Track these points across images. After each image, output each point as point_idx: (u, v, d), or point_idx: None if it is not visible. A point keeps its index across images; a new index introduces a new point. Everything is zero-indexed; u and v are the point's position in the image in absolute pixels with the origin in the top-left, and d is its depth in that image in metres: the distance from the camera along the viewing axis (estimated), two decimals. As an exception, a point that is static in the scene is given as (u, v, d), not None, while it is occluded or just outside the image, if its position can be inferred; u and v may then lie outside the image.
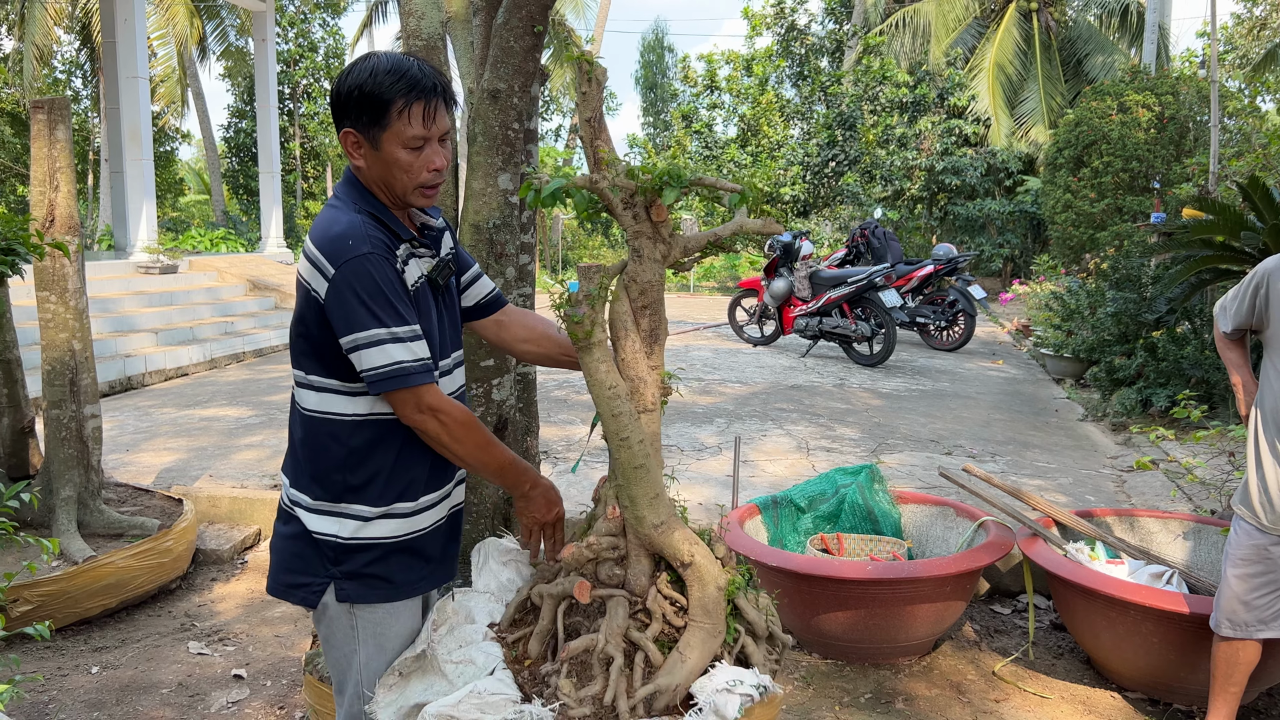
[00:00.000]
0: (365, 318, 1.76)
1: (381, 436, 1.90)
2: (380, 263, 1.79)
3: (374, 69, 1.80)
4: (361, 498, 1.90)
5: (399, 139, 1.81)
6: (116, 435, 6.54)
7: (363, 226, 1.81)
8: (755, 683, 1.84)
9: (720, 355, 10.78)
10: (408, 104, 1.79)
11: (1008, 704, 3.37)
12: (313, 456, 1.92)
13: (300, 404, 1.95)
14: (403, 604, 1.98)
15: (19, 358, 4.54)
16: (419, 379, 1.80)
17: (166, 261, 11.85)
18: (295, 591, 1.95)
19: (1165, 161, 12.74)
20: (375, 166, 1.85)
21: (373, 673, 1.97)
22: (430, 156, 1.84)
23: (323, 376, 1.89)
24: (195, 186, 33.13)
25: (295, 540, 1.95)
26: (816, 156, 19.99)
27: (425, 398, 1.82)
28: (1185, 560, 3.83)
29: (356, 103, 1.80)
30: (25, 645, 3.72)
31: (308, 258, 1.83)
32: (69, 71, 24.79)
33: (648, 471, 1.90)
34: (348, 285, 1.76)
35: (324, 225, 1.83)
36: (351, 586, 1.92)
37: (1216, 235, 5.96)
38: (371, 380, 1.79)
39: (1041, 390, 8.91)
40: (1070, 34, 20.97)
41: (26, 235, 3.10)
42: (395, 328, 1.77)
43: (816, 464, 5.84)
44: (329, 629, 1.98)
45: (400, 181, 1.85)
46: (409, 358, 1.79)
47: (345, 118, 1.83)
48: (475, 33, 3.30)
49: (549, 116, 29.73)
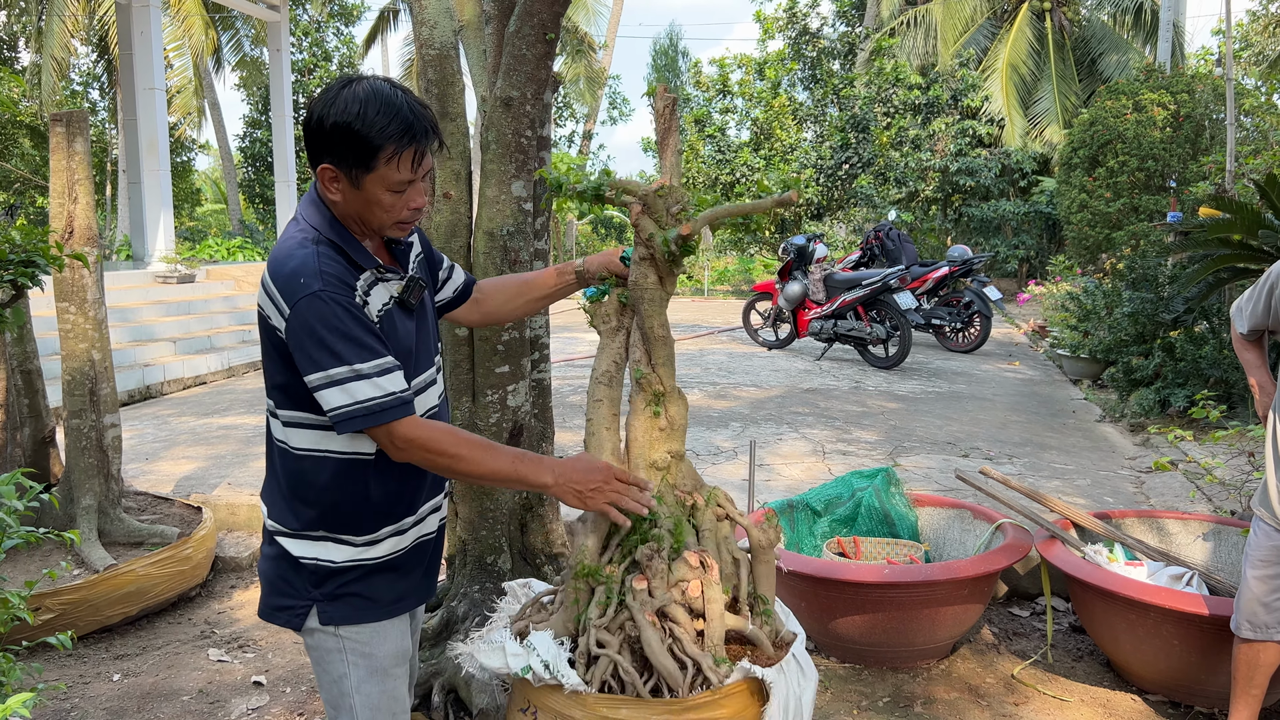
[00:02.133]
0: (325, 357, 1.70)
1: (350, 470, 1.86)
2: (333, 300, 1.71)
3: (363, 108, 1.70)
4: (336, 527, 1.88)
5: (384, 183, 1.75)
6: (136, 444, 6.59)
7: (315, 261, 1.73)
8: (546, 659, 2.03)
9: (735, 359, 10.77)
10: (398, 151, 1.72)
11: (1027, 707, 3.36)
12: (288, 486, 1.89)
13: (272, 433, 1.92)
14: (388, 623, 1.95)
15: (40, 368, 4.58)
16: (389, 415, 1.74)
17: (184, 271, 11.94)
18: (280, 615, 1.92)
19: (1181, 160, 12.67)
20: (352, 203, 1.78)
21: (367, 697, 1.93)
22: (411, 196, 1.80)
23: (283, 408, 1.85)
24: (212, 196, 33.38)
25: (278, 562, 1.92)
26: (830, 159, 19.96)
27: (399, 431, 1.75)
28: (1205, 561, 3.81)
29: (342, 139, 1.71)
30: (48, 653, 3.75)
31: (264, 290, 1.77)
32: (86, 83, 25.04)
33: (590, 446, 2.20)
34: (303, 325, 1.70)
35: (280, 258, 1.76)
36: (334, 609, 1.89)
37: (1234, 234, 5.92)
38: (337, 420, 1.73)
39: (1058, 391, 8.86)
40: (1084, 33, 20.89)
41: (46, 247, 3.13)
42: (358, 364, 1.71)
43: (833, 467, 5.83)
44: (318, 654, 1.94)
45: (378, 219, 1.80)
46: (376, 394, 1.72)
47: (326, 152, 1.74)
48: (488, 41, 3.32)
49: (562, 123, 29.79)
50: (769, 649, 2.11)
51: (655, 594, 2.02)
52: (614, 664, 1.98)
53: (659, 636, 1.99)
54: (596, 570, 2.06)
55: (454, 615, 3.31)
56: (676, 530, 2.11)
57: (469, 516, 3.40)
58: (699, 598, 2.03)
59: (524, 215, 3.28)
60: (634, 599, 2.01)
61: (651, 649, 1.97)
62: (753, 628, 2.11)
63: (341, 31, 25.21)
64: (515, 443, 3.43)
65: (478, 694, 3.02)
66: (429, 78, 3.34)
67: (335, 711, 1.97)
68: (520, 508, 3.53)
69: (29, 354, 4.51)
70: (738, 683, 1.99)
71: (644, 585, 2.03)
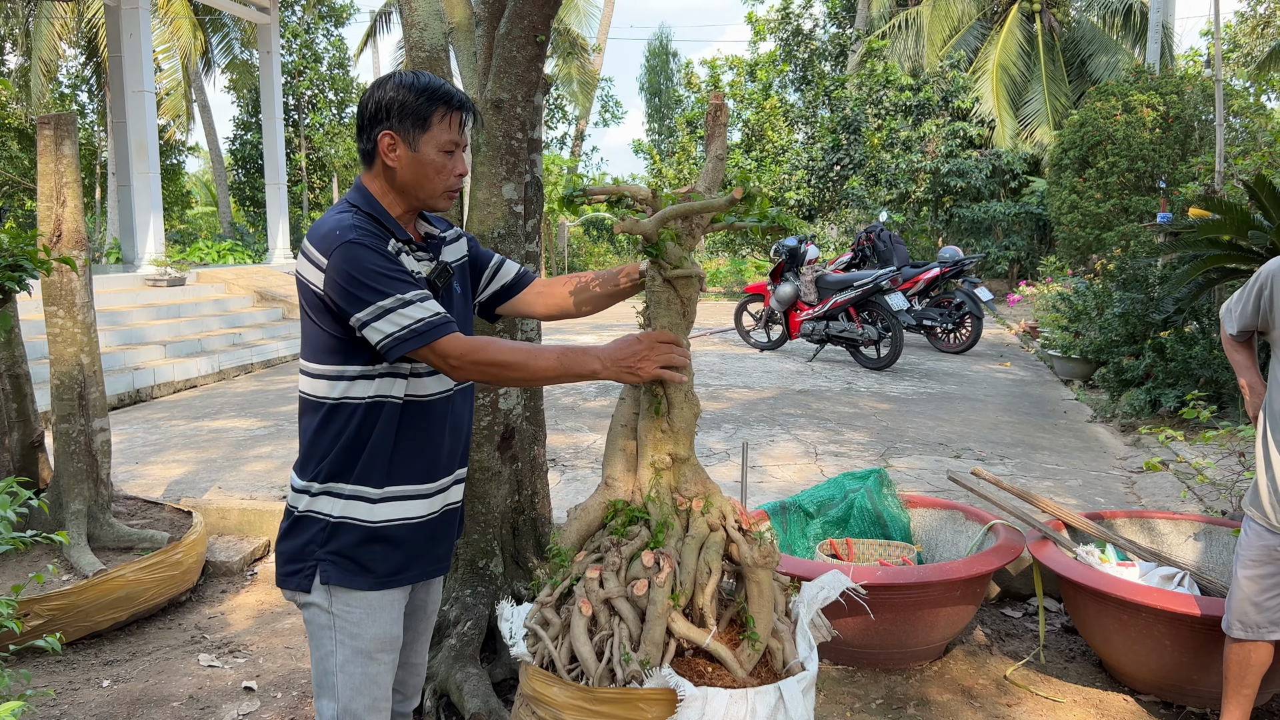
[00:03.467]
0: (366, 294, 1.86)
1: (365, 420, 1.99)
2: (367, 245, 1.89)
3: (414, 82, 1.97)
4: (351, 478, 1.99)
5: (436, 142, 1.97)
6: (126, 448, 6.56)
7: (351, 219, 1.93)
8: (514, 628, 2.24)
9: (727, 360, 10.78)
10: (449, 112, 1.97)
11: (1020, 708, 3.36)
12: (305, 435, 2.05)
13: (302, 391, 2.07)
14: (380, 603, 2.03)
15: (28, 372, 4.55)
16: (439, 331, 1.88)
17: (174, 274, 11.90)
18: (291, 579, 2.03)
19: (1171, 161, 12.71)
20: (409, 168, 1.98)
21: (350, 677, 2.02)
22: (457, 162, 2.02)
23: (316, 363, 2.01)
24: (202, 199, 33.26)
25: (290, 531, 2.04)
26: (821, 161, 19.99)
27: (448, 347, 1.89)
28: (1197, 562, 3.82)
29: (400, 107, 1.95)
30: (36, 659, 3.72)
31: (304, 255, 1.95)
32: (75, 86, 24.93)
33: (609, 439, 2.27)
34: (341, 271, 1.87)
35: (316, 226, 1.97)
36: (333, 570, 1.99)
37: (1223, 234, 5.93)
38: (389, 346, 1.87)
39: (1049, 392, 8.88)
40: (1074, 34, 20.96)
41: (33, 251, 3.11)
42: (402, 294, 1.87)
43: (825, 469, 5.83)
44: (312, 628, 2.05)
45: (431, 182, 2.00)
46: (424, 314, 1.87)
47: (384, 121, 1.96)
48: (478, 43, 3.31)
49: (554, 125, 29.78)
50: (736, 670, 2.08)
51: (605, 585, 2.08)
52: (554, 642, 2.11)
53: (585, 624, 2.07)
54: (563, 554, 2.15)
55: (445, 619, 3.30)
56: (657, 530, 2.12)
57: (461, 520, 3.39)
58: (643, 597, 2.05)
59: (515, 218, 3.27)
60: (582, 586, 2.10)
61: (573, 633, 2.07)
62: (712, 643, 2.08)
63: (331, 33, 25.15)
64: (506, 446, 3.42)
65: (469, 698, 3.00)
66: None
67: (320, 691, 2.06)
68: (512, 511, 3.52)
69: (17, 358, 4.49)
70: (656, 689, 1.98)
71: (596, 575, 2.09)
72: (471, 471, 3.35)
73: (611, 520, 2.18)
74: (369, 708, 2.05)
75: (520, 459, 3.50)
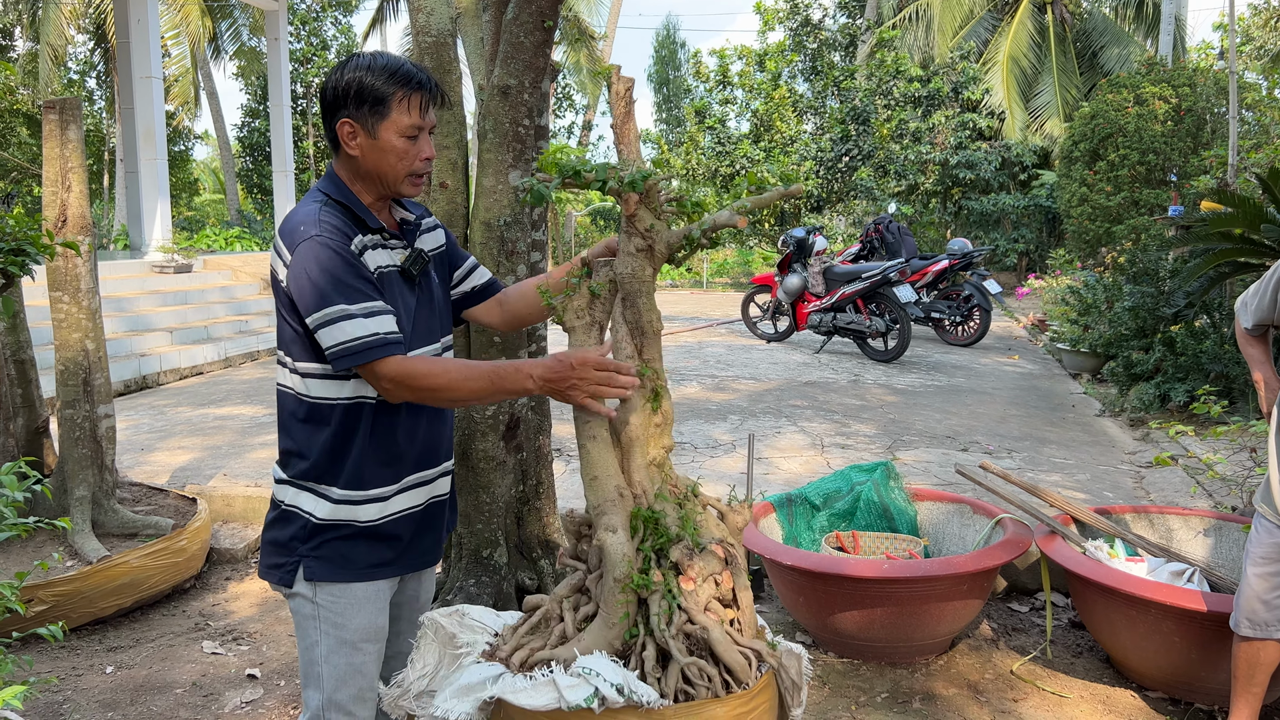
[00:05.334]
0: (319, 298, 1.84)
1: (344, 420, 1.96)
2: (328, 245, 1.86)
3: (371, 64, 1.92)
4: (330, 479, 1.97)
5: (396, 127, 1.91)
6: (132, 434, 6.56)
7: (317, 213, 1.90)
8: (616, 682, 1.80)
9: (734, 351, 10.75)
10: (407, 94, 1.91)
11: (1026, 703, 3.34)
12: (286, 433, 2.03)
13: (281, 384, 2.04)
14: (365, 595, 2.02)
15: (33, 358, 4.55)
16: (374, 354, 1.84)
17: (181, 261, 11.90)
18: (274, 572, 2.03)
19: (1182, 154, 12.62)
20: (370, 155, 1.93)
21: (334, 668, 2.01)
22: (421, 146, 1.96)
23: (291, 359, 1.98)
24: (210, 186, 33.28)
25: (275, 522, 2.03)
26: (830, 151, 19.91)
27: (383, 370, 1.86)
28: (1206, 558, 3.79)
29: (356, 93, 1.90)
30: (40, 645, 3.72)
31: (274, 247, 1.94)
32: (84, 72, 24.93)
33: (588, 453, 1.99)
34: (301, 268, 1.85)
35: (287, 216, 1.95)
36: (318, 565, 1.98)
37: (1236, 228, 5.89)
38: (332, 358, 1.86)
39: (1058, 385, 8.84)
40: (1085, 26, 20.83)
41: (37, 235, 3.09)
42: (347, 305, 1.84)
43: (831, 461, 5.81)
44: (298, 619, 2.04)
45: (394, 169, 1.95)
46: (362, 333, 1.84)
47: (342, 108, 1.92)
48: (485, 28, 3.28)
49: (561, 113, 29.70)
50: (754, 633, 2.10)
51: (701, 591, 1.98)
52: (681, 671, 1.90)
53: (723, 632, 1.94)
54: (646, 580, 1.97)
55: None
56: (685, 525, 2.07)
57: (464, 510, 3.37)
58: (730, 589, 2.01)
59: (521, 205, 3.24)
60: (687, 600, 1.96)
61: (722, 646, 1.92)
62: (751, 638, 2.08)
63: (339, 20, 25.08)
64: (512, 436, 3.40)
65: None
66: (426, 65, 3.30)
67: (306, 682, 2.05)
68: (517, 501, 3.51)
69: (22, 343, 4.48)
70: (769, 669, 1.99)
71: (691, 585, 1.97)
72: (476, 461, 3.34)
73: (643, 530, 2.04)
74: (354, 698, 2.04)
75: (525, 449, 3.49)
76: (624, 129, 2.09)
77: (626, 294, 2.06)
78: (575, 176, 2.00)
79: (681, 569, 1.99)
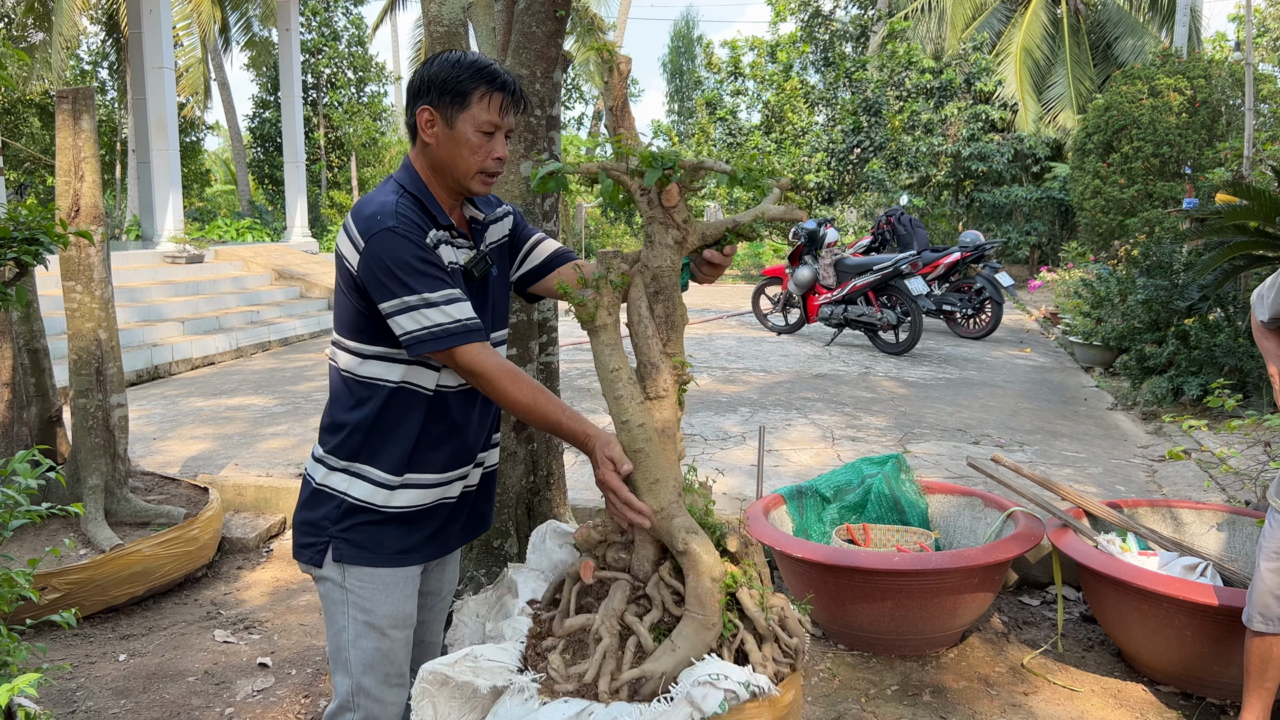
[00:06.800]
0: (395, 286, 1.87)
1: (389, 402, 2.00)
2: (405, 236, 1.89)
3: (460, 60, 1.96)
4: (367, 459, 2.01)
5: (474, 121, 1.94)
6: (144, 424, 6.59)
7: (394, 205, 1.92)
8: (743, 680, 1.79)
9: (744, 343, 10.73)
10: (489, 91, 1.94)
11: (1037, 697, 3.33)
12: (330, 411, 2.07)
13: (332, 361, 2.09)
14: (393, 580, 2.05)
15: (46, 347, 4.57)
16: (456, 340, 1.88)
17: (193, 251, 11.94)
18: (305, 551, 2.06)
19: (1197, 146, 12.53)
20: (445, 145, 1.97)
21: (362, 652, 2.04)
22: (495, 145, 1.99)
23: (346, 339, 2.03)
24: (222, 176, 33.36)
25: (308, 502, 2.07)
26: (841, 143, 19.83)
27: (463, 357, 1.90)
28: (1219, 552, 3.77)
29: (441, 84, 1.94)
30: (53, 632, 3.75)
31: (345, 232, 1.97)
32: (96, 62, 25.00)
33: (646, 456, 1.91)
34: (375, 258, 1.88)
35: (362, 204, 1.97)
36: (346, 548, 2.02)
37: (1251, 221, 5.84)
38: (409, 343, 1.90)
39: (1070, 379, 8.80)
40: (1099, 17, 20.66)
41: (50, 225, 3.09)
42: (427, 293, 1.87)
43: (842, 453, 5.80)
44: (327, 604, 2.08)
45: (466, 162, 1.97)
46: (444, 320, 1.88)
47: (424, 96, 1.96)
48: (497, 18, 3.27)
49: (571, 104, 29.67)
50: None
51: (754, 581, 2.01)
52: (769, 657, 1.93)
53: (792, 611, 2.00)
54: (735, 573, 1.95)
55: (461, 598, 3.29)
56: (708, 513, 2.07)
57: (475, 500, 3.37)
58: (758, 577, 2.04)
59: (532, 196, 3.24)
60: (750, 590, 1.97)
61: (792, 623, 1.97)
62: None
63: (350, 10, 25.07)
64: (523, 427, 3.40)
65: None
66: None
67: (335, 667, 2.09)
68: (528, 491, 3.51)
69: (35, 333, 4.50)
70: None
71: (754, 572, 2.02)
72: (487, 451, 3.34)
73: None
74: (382, 682, 2.07)
75: (536, 440, 3.49)
76: (624, 113, 2.08)
77: (660, 288, 1.99)
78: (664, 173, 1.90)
79: (738, 558, 2.01)
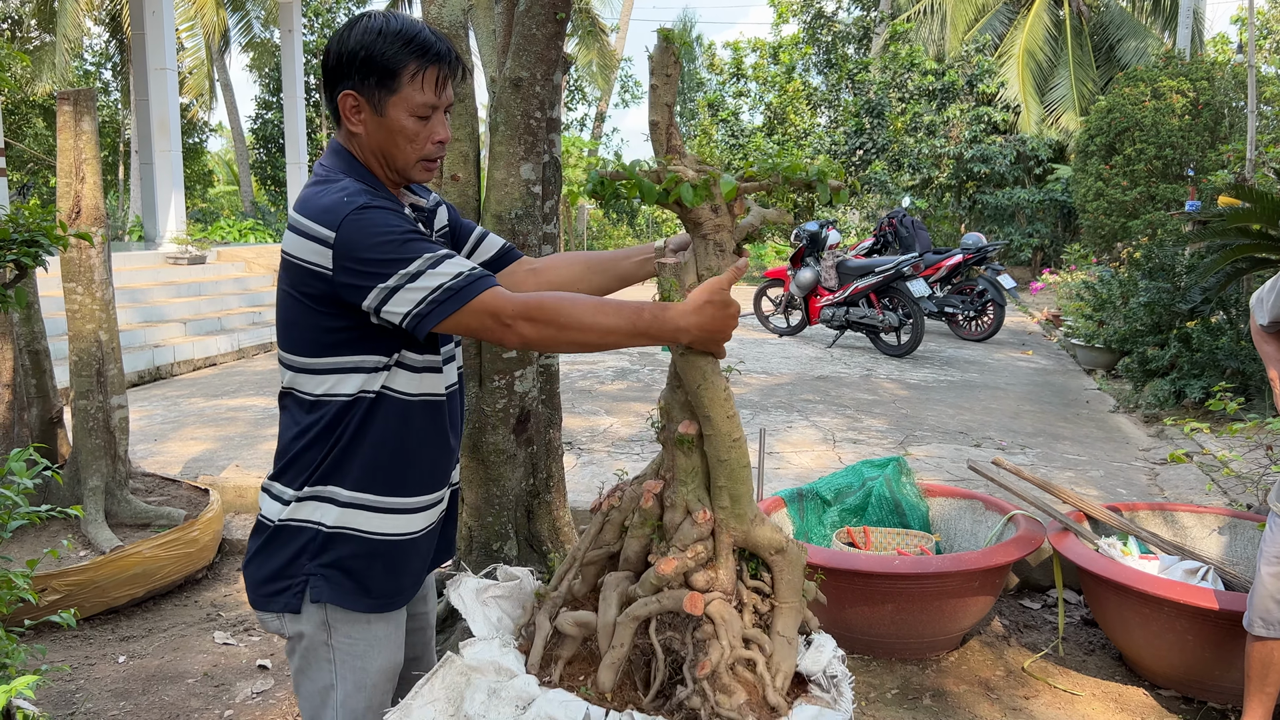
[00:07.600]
0: (385, 265, 1.58)
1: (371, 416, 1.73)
2: (382, 208, 1.63)
3: (382, 29, 1.66)
4: (336, 479, 1.73)
5: (407, 105, 1.68)
6: (145, 425, 6.59)
7: (353, 187, 1.66)
8: (836, 652, 1.92)
9: (745, 345, 10.73)
10: (421, 68, 1.67)
11: (1037, 700, 3.32)
12: (289, 434, 1.77)
13: (293, 390, 1.79)
14: (384, 632, 1.82)
15: (47, 348, 4.57)
16: (475, 288, 1.59)
17: (195, 252, 11.95)
18: (276, 599, 1.76)
19: (1200, 148, 12.52)
20: (376, 134, 1.71)
21: (351, 713, 1.78)
22: (435, 127, 1.73)
23: (303, 355, 1.73)
24: (224, 177, 33.40)
25: (267, 546, 1.77)
26: (844, 145, 19.82)
27: (491, 304, 1.59)
28: (1221, 556, 3.76)
29: (362, 64, 1.66)
30: (53, 634, 3.75)
31: (301, 233, 1.64)
32: (99, 64, 25.04)
33: (750, 470, 1.89)
34: (355, 242, 1.59)
35: (310, 197, 1.67)
36: (326, 586, 1.73)
37: (1253, 223, 5.84)
38: (418, 320, 1.59)
39: (1072, 381, 8.79)
40: (1102, 19, 20.65)
41: (50, 226, 3.10)
42: (431, 253, 1.60)
43: (843, 456, 5.79)
44: (307, 659, 1.79)
45: (403, 152, 1.72)
46: (459, 268, 1.60)
47: (345, 79, 1.69)
48: (497, 20, 3.27)
49: (573, 106, 29.67)
50: None
51: None
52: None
53: None
54: None
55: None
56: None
57: (475, 503, 3.37)
58: None
59: (532, 198, 3.23)
60: None
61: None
62: None
63: (353, 12, 25.12)
64: (522, 429, 3.40)
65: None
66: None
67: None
68: (527, 494, 3.50)
69: (36, 334, 4.50)
70: None
71: None
72: (486, 454, 3.34)
73: None
74: None
75: (535, 442, 3.48)
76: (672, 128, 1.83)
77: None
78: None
79: None
